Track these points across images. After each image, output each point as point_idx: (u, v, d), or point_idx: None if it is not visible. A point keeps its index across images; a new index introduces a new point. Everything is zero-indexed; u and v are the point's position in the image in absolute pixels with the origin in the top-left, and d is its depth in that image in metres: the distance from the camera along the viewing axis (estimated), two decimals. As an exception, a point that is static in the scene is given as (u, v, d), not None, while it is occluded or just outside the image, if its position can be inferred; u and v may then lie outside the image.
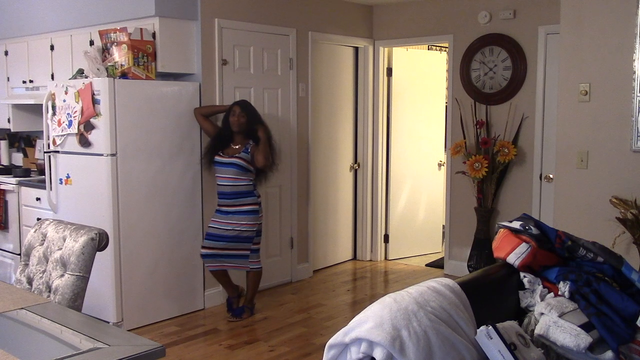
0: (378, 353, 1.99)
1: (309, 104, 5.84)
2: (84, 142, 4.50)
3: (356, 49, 6.48)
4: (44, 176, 5.20)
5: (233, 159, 4.63)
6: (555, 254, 2.78)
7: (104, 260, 4.33)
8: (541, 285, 2.70)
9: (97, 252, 2.79)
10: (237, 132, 4.68)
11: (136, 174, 4.54)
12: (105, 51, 4.64)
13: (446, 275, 5.13)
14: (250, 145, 4.66)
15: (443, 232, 6.80)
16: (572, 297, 2.58)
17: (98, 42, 4.81)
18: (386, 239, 6.70)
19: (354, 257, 6.70)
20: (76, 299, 2.72)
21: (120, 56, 4.52)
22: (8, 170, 6.09)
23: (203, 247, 4.69)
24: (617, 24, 4.02)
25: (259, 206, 4.73)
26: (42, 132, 5.09)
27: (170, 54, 4.76)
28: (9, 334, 2.30)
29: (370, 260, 6.65)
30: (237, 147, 4.68)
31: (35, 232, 3.06)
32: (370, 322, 2.05)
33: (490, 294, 2.61)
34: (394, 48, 6.51)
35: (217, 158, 4.68)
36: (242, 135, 4.69)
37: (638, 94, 3.95)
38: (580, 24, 4.18)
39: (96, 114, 4.40)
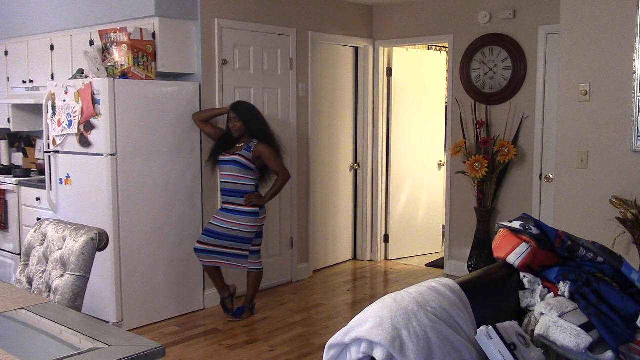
0: (378, 353, 1.99)
1: (309, 104, 5.84)
2: (84, 142, 4.50)
3: (356, 49, 6.48)
4: (44, 176, 5.20)
5: (234, 156, 4.64)
6: (555, 254, 2.78)
7: (104, 260, 4.33)
8: (541, 285, 2.70)
9: (97, 252, 2.79)
10: (239, 136, 4.69)
11: (136, 174, 4.54)
12: (105, 51, 4.64)
13: (446, 275, 5.13)
14: (253, 144, 4.66)
15: (443, 232, 6.80)
16: (572, 297, 2.58)
17: (98, 42, 4.81)
18: (386, 239, 6.70)
19: (354, 257, 6.70)
20: (76, 299, 2.72)
21: (120, 56, 4.52)
22: (8, 170, 6.09)
23: (198, 242, 4.68)
24: (617, 24, 4.02)
25: (261, 208, 4.72)
26: (42, 132, 5.09)
27: (170, 54, 4.76)
28: (9, 334, 2.30)
29: (371, 260, 6.65)
30: (240, 145, 4.69)
31: (35, 232, 3.06)
32: (370, 322, 2.05)
33: (490, 294, 2.61)
34: (394, 48, 6.51)
35: (220, 157, 4.70)
36: (245, 136, 4.70)
37: (638, 94, 3.95)
38: (580, 24, 4.18)
39: (96, 114, 4.40)
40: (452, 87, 5.98)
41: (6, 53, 6.20)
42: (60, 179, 4.76)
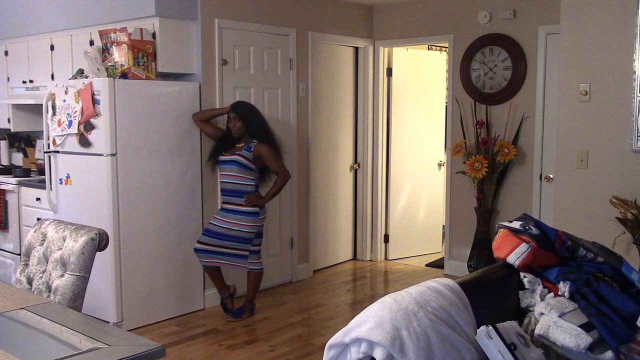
0: (378, 353, 1.99)
1: (309, 104, 5.84)
2: (84, 142, 4.50)
3: (356, 49, 6.48)
4: (44, 176, 5.20)
5: (234, 156, 4.64)
6: (555, 254, 2.78)
7: (104, 260, 4.33)
8: (541, 285, 2.70)
9: (97, 252, 2.79)
10: (239, 136, 4.69)
11: (136, 173, 4.54)
12: (105, 51, 4.64)
13: (446, 275, 5.13)
14: (253, 144, 4.66)
15: (443, 232, 6.80)
16: (572, 297, 2.58)
17: (98, 42, 4.81)
18: (386, 239, 6.70)
19: (354, 257, 6.70)
20: (76, 299, 2.72)
21: (120, 56, 4.52)
22: (8, 170, 6.09)
23: (198, 242, 4.68)
24: (617, 24, 4.02)
25: (261, 208, 4.72)
26: (42, 132, 5.09)
27: (170, 54, 4.76)
28: (9, 334, 2.30)
29: (371, 260, 6.65)
30: (240, 145, 4.69)
31: (35, 232, 3.06)
32: (370, 322, 2.05)
33: (490, 294, 2.61)
34: (394, 48, 6.51)
35: (220, 157, 4.70)
36: (245, 136, 4.70)
37: (638, 94, 3.95)
38: (580, 24, 4.18)
39: (96, 114, 4.40)
40: (452, 87, 5.98)
41: (6, 53, 6.20)
42: (60, 179, 4.76)
